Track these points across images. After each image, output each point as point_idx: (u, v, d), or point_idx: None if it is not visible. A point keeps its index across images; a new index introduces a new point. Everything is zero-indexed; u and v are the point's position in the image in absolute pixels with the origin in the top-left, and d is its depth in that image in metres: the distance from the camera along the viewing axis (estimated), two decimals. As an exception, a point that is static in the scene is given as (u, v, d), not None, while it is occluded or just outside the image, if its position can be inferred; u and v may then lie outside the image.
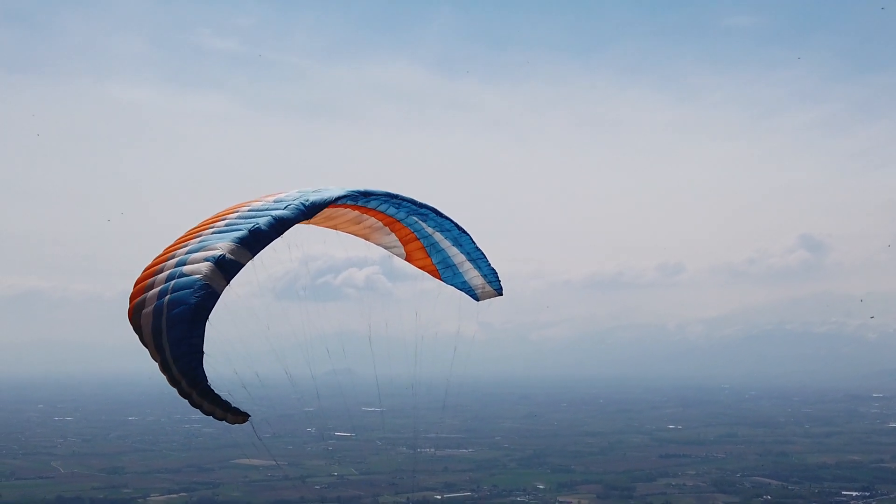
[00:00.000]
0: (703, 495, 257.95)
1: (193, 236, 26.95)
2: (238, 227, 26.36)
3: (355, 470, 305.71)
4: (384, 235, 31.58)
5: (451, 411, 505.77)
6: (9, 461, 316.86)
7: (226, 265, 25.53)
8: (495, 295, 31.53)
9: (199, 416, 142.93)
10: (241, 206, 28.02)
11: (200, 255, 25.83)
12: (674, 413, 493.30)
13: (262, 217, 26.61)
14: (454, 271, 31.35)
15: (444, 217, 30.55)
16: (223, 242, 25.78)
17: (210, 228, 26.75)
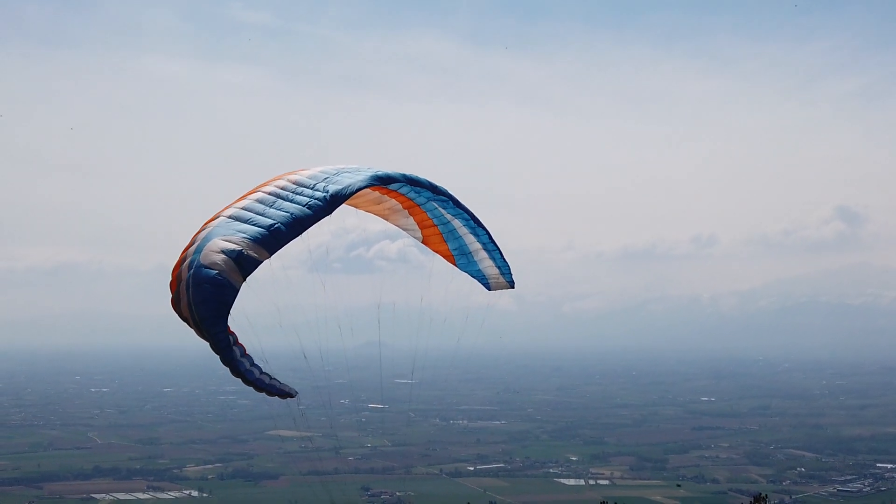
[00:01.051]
0: (737, 467, 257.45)
1: (215, 219, 27.11)
2: (259, 220, 26.37)
3: (388, 441, 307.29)
4: (403, 218, 31.73)
5: (484, 383, 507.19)
6: (47, 432, 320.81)
7: (243, 262, 25.75)
8: (507, 287, 31.72)
9: (234, 387, 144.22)
10: (264, 185, 28.13)
11: (219, 247, 25.87)
12: (707, 385, 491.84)
13: (282, 212, 26.56)
14: (469, 259, 31.50)
15: (461, 207, 30.67)
16: (243, 238, 25.85)
17: (232, 213, 26.79)
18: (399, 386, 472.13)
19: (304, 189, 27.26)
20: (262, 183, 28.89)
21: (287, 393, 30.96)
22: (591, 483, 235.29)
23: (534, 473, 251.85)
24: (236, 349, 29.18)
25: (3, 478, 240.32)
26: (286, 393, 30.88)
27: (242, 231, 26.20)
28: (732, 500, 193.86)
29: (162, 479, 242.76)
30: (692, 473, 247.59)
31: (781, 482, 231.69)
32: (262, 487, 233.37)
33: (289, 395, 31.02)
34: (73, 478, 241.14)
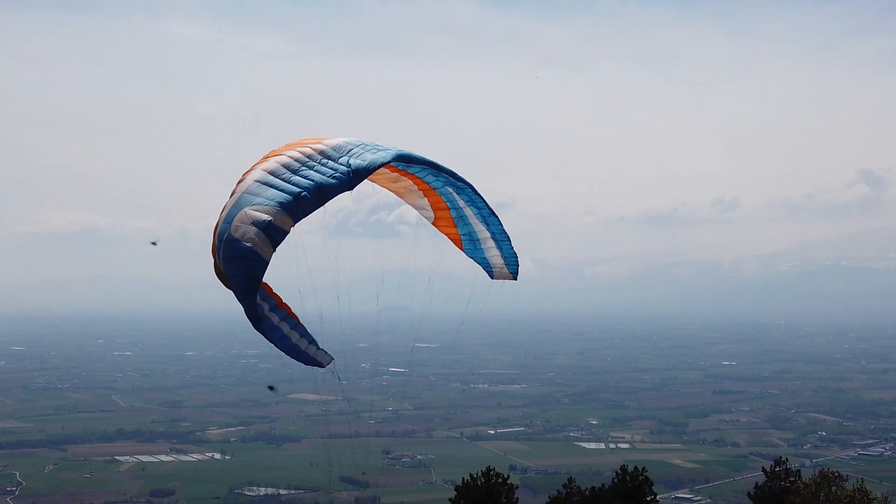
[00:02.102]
0: (757, 431, 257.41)
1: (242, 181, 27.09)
2: (286, 187, 26.39)
3: (409, 405, 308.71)
4: (418, 198, 31.79)
5: (505, 347, 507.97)
6: (71, 395, 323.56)
7: (272, 233, 25.76)
8: (510, 278, 31.69)
9: (255, 351, 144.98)
10: (289, 149, 28.05)
11: (249, 218, 25.84)
12: (728, 349, 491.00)
13: (308, 181, 26.59)
14: (476, 246, 31.55)
15: (478, 195, 30.68)
16: (270, 205, 25.85)
17: (260, 178, 26.75)
18: (420, 350, 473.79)
19: (329, 161, 27.32)
20: (286, 146, 28.81)
21: (318, 362, 30.96)
22: (611, 447, 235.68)
23: (554, 437, 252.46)
24: (273, 315, 29.14)
25: (27, 440, 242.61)
26: (317, 362, 30.88)
27: (271, 198, 26.22)
28: (753, 464, 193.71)
29: (185, 441, 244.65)
30: (713, 437, 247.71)
31: (802, 446, 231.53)
32: (284, 450, 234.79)
33: (319, 364, 31.02)
34: (97, 440, 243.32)
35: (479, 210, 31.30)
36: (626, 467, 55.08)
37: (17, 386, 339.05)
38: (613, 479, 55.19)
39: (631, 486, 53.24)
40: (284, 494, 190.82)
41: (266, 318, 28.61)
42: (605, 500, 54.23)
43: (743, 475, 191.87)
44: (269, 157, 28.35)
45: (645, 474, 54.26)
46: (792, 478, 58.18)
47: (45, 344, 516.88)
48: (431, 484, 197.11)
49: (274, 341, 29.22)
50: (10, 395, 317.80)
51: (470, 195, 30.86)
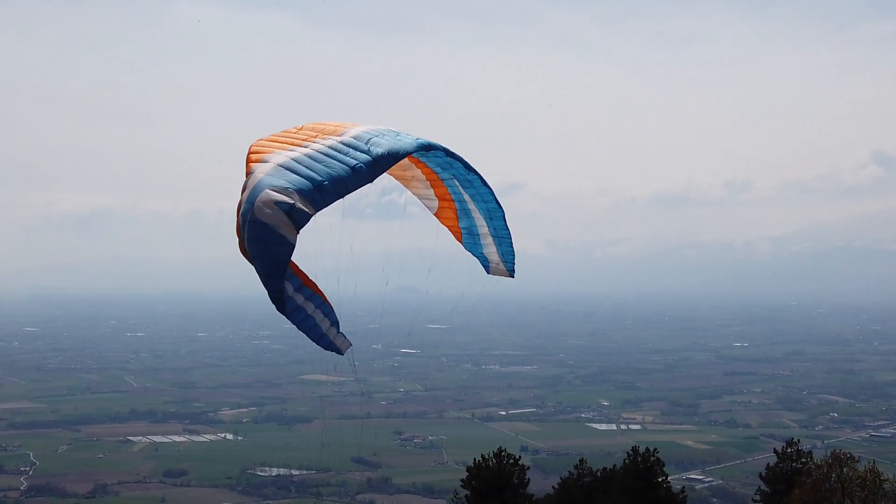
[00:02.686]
0: (769, 412, 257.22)
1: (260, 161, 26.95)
2: (309, 174, 26.32)
3: (420, 386, 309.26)
4: (424, 188, 31.87)
5: (516, 328, 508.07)
6: (84, 375, 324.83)
7: (296, 216, 25.71)
8: (507, 275, 31.78)
9: (267, 332, 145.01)
10: (310, 134, 27.99)
11: (271, 199, 25.67)
12: (740, 331, 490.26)
13: (331, 171, 26.57)
14: (475, 241, 31.68)
15: (486, 187, 30.68)
16: (294, 190, 25.75)
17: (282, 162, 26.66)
18: (431, 331, 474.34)
19: (350, 150, 27.36)
20: (304, 129, 28.73)
21: (337, 348, 30.94)
22: (622, 428, 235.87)
23: (565, 418, 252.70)
24: (298, 295, 29.03)
25: (41, 420, 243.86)
26: (335, 348, 30.86)
27: (293, 183, 26.10)
28: (765, 445, 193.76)
29: (197, 422, 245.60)
30: (724, 418, 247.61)
31: (814, 427, 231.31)
32: (296, 431, 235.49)
33: (337, 350, 31.02)
34: (110, 420, 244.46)
35: (485, 204, 31.36)
36: (637, 448, 55.11)
37: (30, 367, 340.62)
38: (625, 461, 55.22)
39: (642, 468, 53.27)
40: (296, 475, 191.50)
41: (290, 299, 28.55)
42: (616, 481, 54.29)
43: (754, 456, 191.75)
44: (287, 140, 28.23)
45: (656, 455, 54.28)
46: (804, 459, 58.20)
47: (58, 325, 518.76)
48: (443, 465, 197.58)
49: (296, 322, 29.16)
50: (23, 375, 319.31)
51: (478, 188, 30.89)
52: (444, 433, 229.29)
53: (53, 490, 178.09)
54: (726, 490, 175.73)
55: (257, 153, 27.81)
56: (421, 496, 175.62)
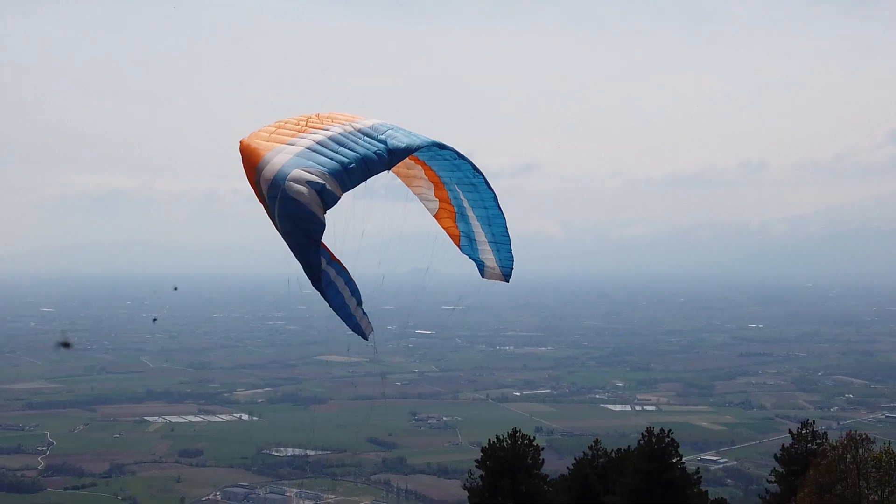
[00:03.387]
0: (784, 393, 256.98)
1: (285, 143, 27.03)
2: (336, 157, 26.52)
3: (435, 367, 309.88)
4: (426, 189, 32.03)
5: (531, 309, 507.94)
6: (100, 356, 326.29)
7: (326, 197, 25.91)
8: (502, 280, 31.86)
9: (282, 313, 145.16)
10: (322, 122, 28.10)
11: (303, 178, 25.79)
12: (755, 312, 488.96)
13: (355, 154, 26.78)
14: (472, 246, 31.91)
15: (490, 190, 30.79)
16: (323, 171, 25.95)
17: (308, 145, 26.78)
18: (446, 312, 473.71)
19: (368, 138, 27.66)
20: (319, 118, 28.83)
21: (361, 331, 30.89)
22: (637, 409, 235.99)
23: (580, 399, 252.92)
24: (330, 269, 28.99)
25: (58, 400, 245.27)
26: (360, 330, 30.79)
27: (321, 164, 26.37)
28: (779, 426, 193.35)
29: (213, 402, 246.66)
30: (739, 399, 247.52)
31: (829, 408, 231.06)
32: (311, 411, 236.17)
33: (361, 334, 30.97)
34: (126, 401, 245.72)
35: (485, 210, 31.46)
36: (651, 429, 55.10)
37: (47, 347, 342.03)
38: (639, 441, 55.22)
39: (657, 448, 53.25)
40: (311, 455, 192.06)
41: (324, 271, 28.58)
42: (630, 461, 54.31)
43: (769, 437, 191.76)
44: (299, 127, 28.28)
45: (671, 436, 54.26)
46: (819, 440, 58.08)
47: (74, 305, 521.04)
48: (457, 445, 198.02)
49: (329, 298, 29.13)
50: (40, 356, 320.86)
51: (481, 192, 31.00)
52: (458, 414, 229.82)
53: (70, 469, 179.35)
54: (741, 471, 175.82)
55: (268, 140, 27.78)
56: (435, 476, 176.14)
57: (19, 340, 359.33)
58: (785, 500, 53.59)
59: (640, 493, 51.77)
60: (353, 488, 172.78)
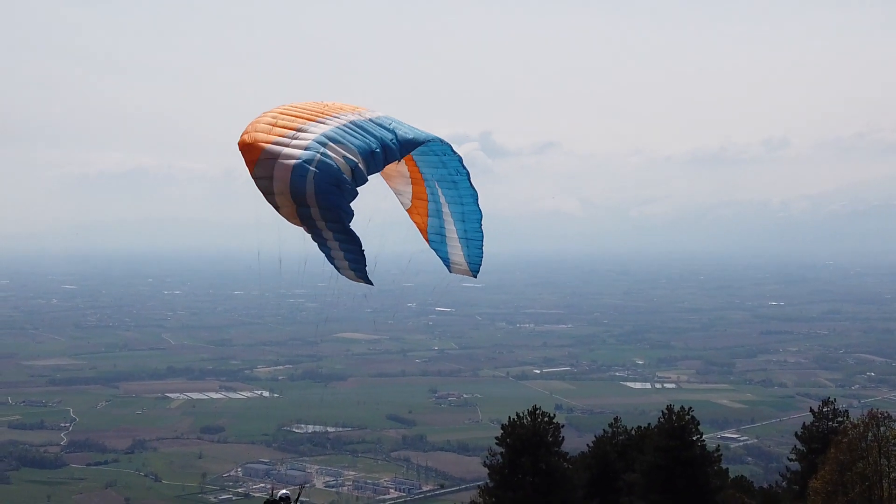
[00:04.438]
0: (805, 371, 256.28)
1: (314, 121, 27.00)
2: (362, 142, 26.57)
3: (455, 344, 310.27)
4: (403, 185, 32.09)
5: (551, 287, 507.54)
6: (121, 333, 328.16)
7: (358, 176, 25.98)
8: (469, 274, 31.86)
9: (302, 291, 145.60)
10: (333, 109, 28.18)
11: (340, 154, 25.86)
12: (776, 290, 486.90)
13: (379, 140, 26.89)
14: (442, 241, 31.93)
15: (471, 188, 30.81)
16: (356, 150, 26.04)
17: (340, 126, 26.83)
18: (467, 290, 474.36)
19: (380, 128, 27.83)
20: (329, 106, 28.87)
21: (366, 278, 30.54)
22: (657, 386, 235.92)
23: (600, 377, 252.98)
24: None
25: (80, 377, 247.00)
26: (366, 279, 30.46)
27: (353, 145, 26.50)
28: (800, 404, 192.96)
29: (234, 379, 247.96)
30: (760, 377, 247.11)
31: (851, 386, 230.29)
32: (331, 388, 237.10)
33: (367, 281, 30.64)
34: (148, 377, 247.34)
35: (461, 207, 31.41)
36: (671, 407, 54.95)
37: (69, 324, 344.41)
38: (659, 419, 55.08)
39: (677, 426, 53.12)
40: (332, 432, 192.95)
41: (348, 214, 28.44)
42: (650, 439, 54.24)
43: (790, 415, 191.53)
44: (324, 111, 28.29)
45: (691, 414, 54.10)
46: (840, 418, 57.89)
47: (96, 283, 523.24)
48: (477, 422, 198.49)
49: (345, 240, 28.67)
50: (63, 332, 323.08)
51: (461, 190, 31.00)
52: (478, 391, 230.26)
53: (93, 445, 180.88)
54: (761, 449, 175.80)
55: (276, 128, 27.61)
56: (455, 453, 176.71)
57: (42, 317, 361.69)
58: (806, 478, 53.48)
59: (660, 470, 51.72)
60: (373, 465, 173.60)
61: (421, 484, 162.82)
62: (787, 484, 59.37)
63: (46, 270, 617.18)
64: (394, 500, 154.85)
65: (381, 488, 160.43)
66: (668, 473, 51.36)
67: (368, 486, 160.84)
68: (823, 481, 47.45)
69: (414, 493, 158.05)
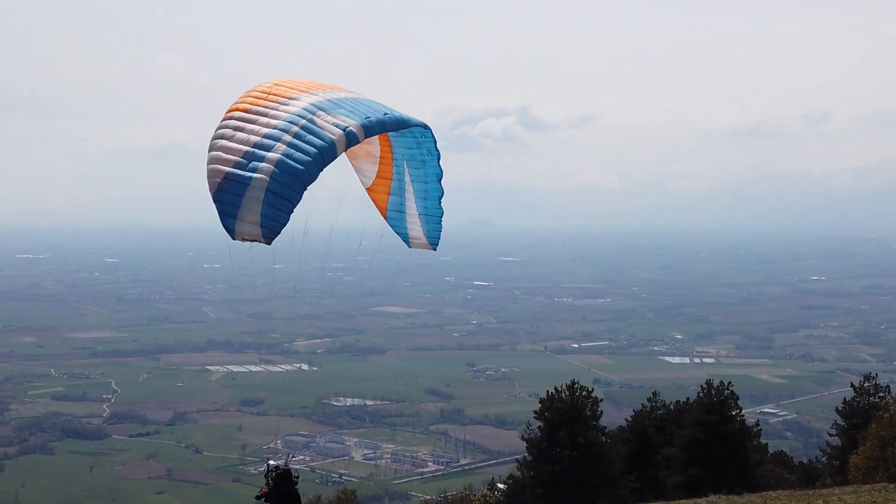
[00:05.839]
0: (845, 346, 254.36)
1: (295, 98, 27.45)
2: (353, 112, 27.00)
3: (493, 318, 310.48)
4: (369, 164, 32.14)
5: (589, 262, 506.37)
6: (162, 306, 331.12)
7: (350, 138, 26.30)
8: (428, 248, 31.98)
9: (340, 264, 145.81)
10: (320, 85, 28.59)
11: (330, 121, 26.37)
12: (817, 264, 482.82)
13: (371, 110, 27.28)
14: (401, 218, 31.96)
15: (437, 168, 30.99)
16: (348, 118, 26.45)
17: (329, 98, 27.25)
18: (505, 264, 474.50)
19: (376, 103, 28.17)
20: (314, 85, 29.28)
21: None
22: (696, 361, 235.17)
23: (638, 351, 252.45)
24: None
25: (122, 349, 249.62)
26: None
27: (347, 114, 26.82)
28: (841, 379, 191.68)
29: (273, 352, 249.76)
30: (800, 352, 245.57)
31: (892, 361, 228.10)
32: (370, 362, 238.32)
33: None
34: (188, 350, 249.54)
35: (424, 185, 31.57)
36: (711, 382, 54.70)
37: (111, 297, 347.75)
38: (698, 394, 54.90)
39: (716, 401, 52.89)
40: (370, 405, 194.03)
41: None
42: (689, 414, 54.07)
43: (830, 390, 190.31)
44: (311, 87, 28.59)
45: (730, 389, 53.85)
46: (881, 393, 57.34)
47: (137, 256, 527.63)
48: (515, 396, 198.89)
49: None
50: (104, 305, 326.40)
51: (428, 169, 31.17)
52: (516, 365, 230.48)
53: (135, 417, 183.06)
54: (801, 424, 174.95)
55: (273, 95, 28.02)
56: (493, 427, 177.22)
57: (84, 290, 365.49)
58: (846, 453, 53.12)
59: (698, 445, 51.55)
60: (411, 438, 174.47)
61: (459, 457, 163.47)
62: (828, 459, 58.99)
63: (89, 244, 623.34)
64: (432, 472, 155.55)
65: (419, 461, 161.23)
66: (706, 448, 51.19)
67: (406, 459, 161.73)
68: (864, 457, 47.13)
69: (452, 466, 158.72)
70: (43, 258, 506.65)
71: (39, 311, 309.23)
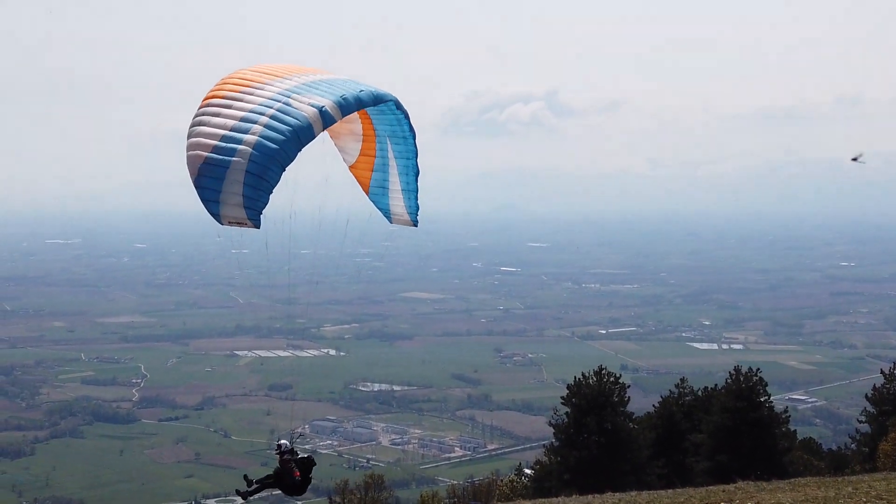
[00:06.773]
0: (875, 333, 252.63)
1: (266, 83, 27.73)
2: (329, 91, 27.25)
3: (521, 304, 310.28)
4: (352, 142, 32.41)
5: (617, 247, 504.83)
6: (191, 291, 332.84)
7: (326, 117, 26.53)
8: (410, 224, 32.13)
9: (368, 250, 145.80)
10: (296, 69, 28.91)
11: (306, 101, 26.62)
12: (847, 250, 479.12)
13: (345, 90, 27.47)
14: (384, 193, 32.32)
15: (414, 146, 31.23)
16: (323, 98, 26.70)
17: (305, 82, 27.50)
18: (532, 250, 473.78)
19: (351, 82, 28.44)
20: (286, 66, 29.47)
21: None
22: (724, 347, 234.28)
23: (666, 337, 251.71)
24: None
25: (151, 334, 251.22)
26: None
27: (322, 94, 27.10)
28: (870, 366, 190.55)
29: (301, 337, 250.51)
30: (829, 339, 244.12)
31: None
32: (397, 347, 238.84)
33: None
34: (217, 335, 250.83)
35: (405, 161, 31.85)
36: (739, 368, 54.49)
37: (140, 282, 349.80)
38: (726, 380, 54.70)
39: (744, 387, 52.68)
40: (398, 390, 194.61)
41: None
42: (717, 400, 53.89)
43: (860, 377, 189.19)
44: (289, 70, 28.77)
45: (759, 375, 53.62)
46: (912, 380, 57.00)
47: (165, 241, 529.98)
48: (542, 382, 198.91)
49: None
50: (134, 290, 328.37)
51: (408, 146, 31.42)
52: (543, 351, 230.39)
53: (164, 401, 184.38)
54: (830, 410, 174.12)
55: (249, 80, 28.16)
56: (520, 412, 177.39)
57: (114, 275, 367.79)
58: (875, 440, 52.82)
59: (726, 431, 51.38)
60: (438, 423, 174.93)
61: (486, 443, 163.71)
62: (857, 446, 58.65)
63: (118, 229, 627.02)
64: (459, 458, 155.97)
65: (446, 446, 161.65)
66: (735, 434, 51.02)
67: (434, 445, 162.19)
68: (894, 444, 46.88)
69: (479, 451, 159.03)
70: (73, 243, 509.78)
71: (69, 295, 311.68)
